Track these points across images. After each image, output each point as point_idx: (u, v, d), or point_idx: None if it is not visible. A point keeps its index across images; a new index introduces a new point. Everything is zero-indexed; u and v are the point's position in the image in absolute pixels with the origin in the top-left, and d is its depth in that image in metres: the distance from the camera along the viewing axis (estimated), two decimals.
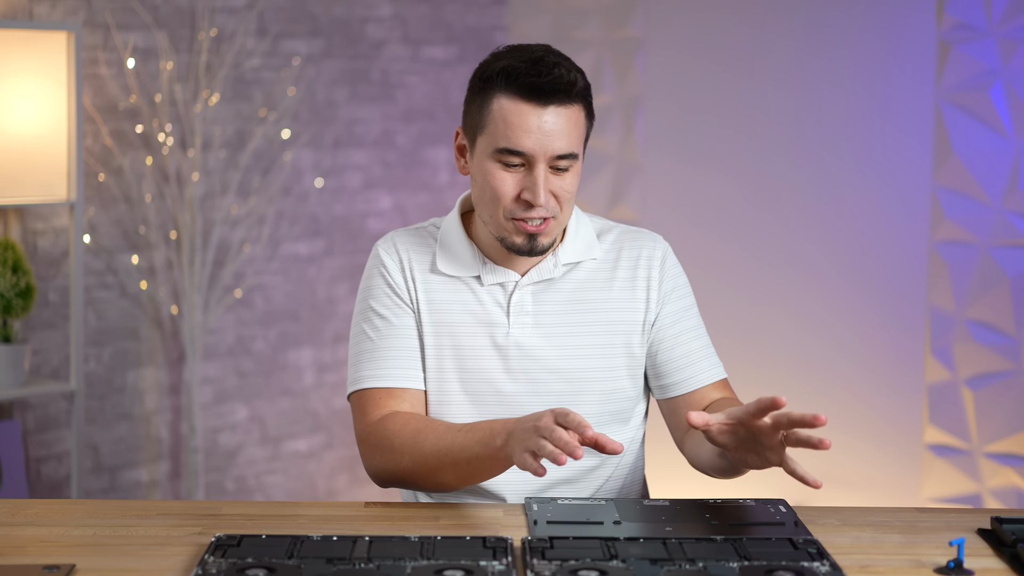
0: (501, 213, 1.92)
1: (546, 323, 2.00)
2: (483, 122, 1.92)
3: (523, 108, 1.88)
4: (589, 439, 1.67)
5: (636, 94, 4.19)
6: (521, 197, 1.90)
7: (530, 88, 1.87)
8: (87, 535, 1.72)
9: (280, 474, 4.13)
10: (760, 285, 3.94)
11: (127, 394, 3.73)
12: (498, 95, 1.90)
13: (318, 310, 4.19)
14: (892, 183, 3.69)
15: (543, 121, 1.88)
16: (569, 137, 1.89)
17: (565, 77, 1.88)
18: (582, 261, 2.03)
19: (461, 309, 2.00)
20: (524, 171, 1.90)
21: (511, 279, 2.00)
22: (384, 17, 4.26)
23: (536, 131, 1.88)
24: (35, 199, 3.28)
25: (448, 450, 1.86)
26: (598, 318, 2.01)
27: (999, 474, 3.50)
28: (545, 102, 1.88)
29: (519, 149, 1.88)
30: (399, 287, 2.02)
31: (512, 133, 1.88)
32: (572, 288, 2.02)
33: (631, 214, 4.19)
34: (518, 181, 1.90)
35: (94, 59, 3.57)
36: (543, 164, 1.89)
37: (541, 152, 1.88)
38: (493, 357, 1.99)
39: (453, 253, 2.02)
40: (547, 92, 1.87)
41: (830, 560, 1.62)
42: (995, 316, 3.48)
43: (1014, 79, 3.43)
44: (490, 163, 1.91)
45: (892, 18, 3.67)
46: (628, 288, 2.03)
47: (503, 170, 1.91)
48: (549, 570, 1.57)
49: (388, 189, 4.33)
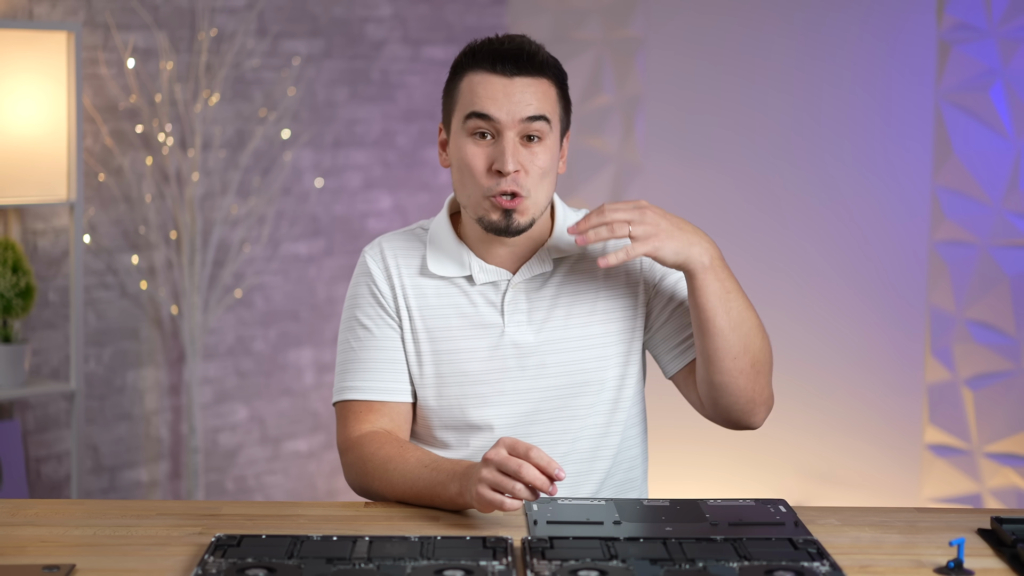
0: (477, 190, 1.92)
1: (540, 319, 1.99)
2: (454, 101, 1.95)
3: (490, 78, 1.91)
4: (559, 479, 1.72)
5: (636, 94, 4.19)
6: (492, 168, 1.90)
7: (494, 57, 1.90)
8: (87, 535, 1.72)
9: (280, 474, 4.13)
10: (760, 285, 3.94)
11: (127, 394, 3.73)
12: (467, 73, 1.93)
13: (318, 310, 4.19)
14: (892, 183, 3.69)
15: (509, 87, 1.90)
16: (538, 104, 1.91)
17: (527, 47, 1.91)
18: (571, 254, 2.02)
19: (454, 312, 1.99)
20: (494, 143, 1.91)
21: (503, 278, 1.99)
22: (384, 17, 4.26)
23: (503, 96, 1.89)
24: (35, 199, 3.28)
25: (413, 484, 1.87)
26: (591, 307, 2.01)
27: (999, 474, 3.50)
28: (511, 72, 1.90)
29: (485, 112, 1.89)
30: (385, 297, 2.01)
31: (478, 100, 1.90)
32: (562, 281, 2.01)
33: None
34: (488, 153, 1.91)
35: (94, 59, 3.57)
36: (512, 131, 1.89)
37: (508, 117, 1.89)
38: (491, 358, 1.98)
39: (443, 253, 2.01)
40: (511, 60, 1.90)
41: (830, 560, 1.62)
42: (995, 316, 3.48)
43: (1014, 79, 3.43)
44: (462, 137, 1.93)
45: (892, 18, 3.67)
46: (620, 273, 2.03)
47: (474, 144, 1.91)
48: (549, 570, 1.57)
49: (388, 189, 4.33)
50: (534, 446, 1.73)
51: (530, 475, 1.71)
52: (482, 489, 1.73)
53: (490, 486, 1.73)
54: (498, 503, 1.72)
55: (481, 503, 1.74)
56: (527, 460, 1.71)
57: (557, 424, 2.00)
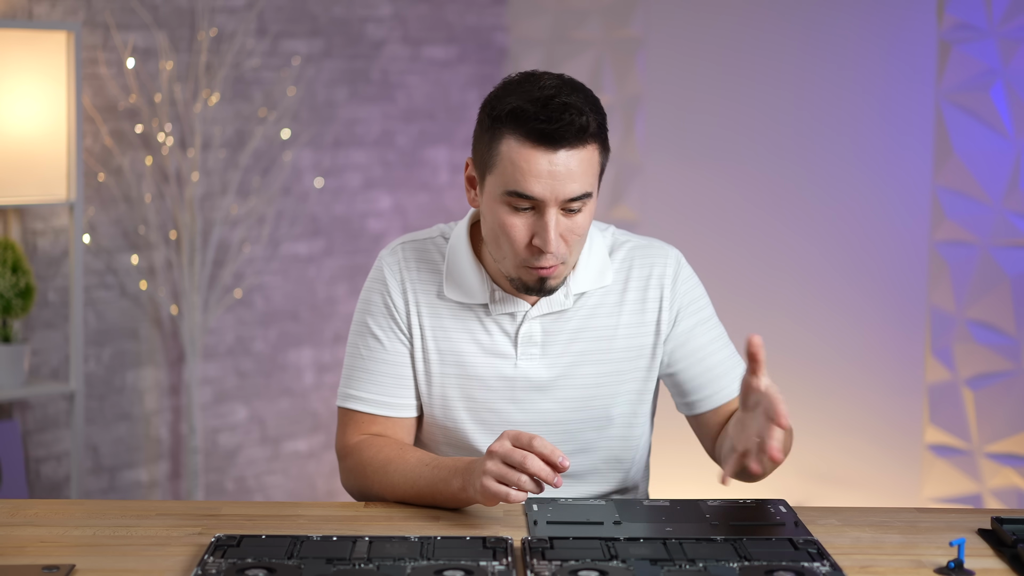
0: (513, 258, 1.86)
1: (554, 353, 1.96)
2: (492, 162, 1.84)
3: (532, 152, 1.80)
4: (564, 469, 1.71)
5: (636, 94, 4.19)
6: (532, 243, 1.83)
7: (540, 134, 1.79)
8: (87, 535, 1.72)
9: (280, 474, 4.13)
10: (760, 285, 3.94)
11: (127, 394, 3.73)
12: (507, 136, 1.81)
13: (318, 310, 4.18)
14: (892, 183, 3.68)
15: (554, 166, 1.79)
16: (582, 179, 1.82)
17: (576, 123, 1.80)
18: (592, 290, 1.98)
19: (468, 338, 1.96)
20: (534, 214, 1.83)
21: (520, 309, 1.95)
22: (384, 17, 4.26)
23: (546, 176, 1.79)
24: (35, 199, 3.28)
25: (414, 484, 1.87)
26: (607, 345, 1.98)
27: (999, 474, 3.50)
28: (555, 146, 1.79)
29: (528, 194, 1.81)
30: (398, 311, 1.98)
31: (521, 177, 1.80)
32: (582, 316, 1.97)
33: (631, 214, 4.19)
34: (528, 225, 1.83)
35: (94, 59, 3.57)
36: (554, 208, 1.81)
37: (552, 197, 1.80)
38: (500, 388, 1.96)
39: (461, 279, 1.96)
40: (556, 136, 1.79)
41: (830, 560, 1.62)
42: (995, 316, 3.48)
43: (1014, 79, 3.43)
44: (499, 205, 1.84)
45: (892, 18, 3.67)
46: (638, 312, 1.99)
47: (512, 214, 1.83)
48: (549, 570, 1.57)
49: (388, 189, 4.33)
50: (537, 435, 1.72)
51: (535, 466, 1.70)
52: (487, 482, 1.72)
53: (495, 479, 1.72)
54: (503, 495, 1.71)
55: (486, 496, 1.73)
56: (531, 450, 1.71)
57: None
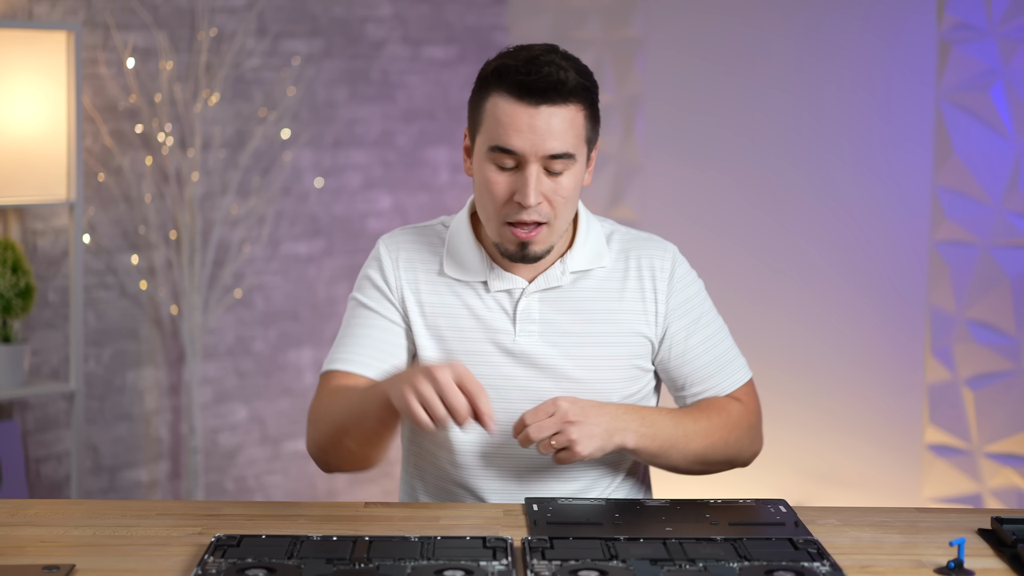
0: (496, 216, 1.89)
1: (553, 332, 1.97)
2: (479, 120, 1.89)
3: (514, 107, 1.84)
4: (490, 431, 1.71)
5: (636, 94, 4.19)
6: (513, 199, 1.87)
7: (520, 86, 1.83)
8: (87, 535, 1.72)
9: (280, 474, 4.13)
10: (760, 285, 3.94)
11: (127, 394, 3.73)
12: (492, 93, 1.86)
13: (318, 310, 4.19)
14: (892, 183, 3.68)
15: (535, 121, 1.84)
16: (563, 137, 1.85)
17: (555, 75, 1.83)
18: (591, 269, 2.00)
19: (467, 314, 1.98)
20: (517, 172, 1.87)
21: (518, 286, 1.97)
22: (384, 17, 4.26)
23: (527, 130, 1.84)
24: (35, 199, 3.28)
25: (351, 406, 1.83)
26: (608, 328, 1.99)
27: (999, 474, 3.50)
28: (537, 101, 1.83)
29: (509, 147, 1.85)
30: (391, 286, 1.99)
31: (503, 131, 1.85)
32: (581, 298, 1.99)
33: (631, 214, 4.19)
34: (511, 182, 1.87)
35: (94, 59, 3.57)
36: (535, 164, 1.85)
37: (532, 151, 1.84)
38: (498, 364, 1.97)
39: (460, 257, 1.99)
40: (537, 91, 1.83)
41: (830, 560, 1.62)
42: (995, 316, 3.48)
43: (1014, 79, 3.43)
44: (485, 163, 1.88)
45: (892, 18, 3.67)
46: (639, 300, 2.00)
47: (496, 171, 1.87)
48: (549, 570, 1.57)
49: (388, 189, 4.33)
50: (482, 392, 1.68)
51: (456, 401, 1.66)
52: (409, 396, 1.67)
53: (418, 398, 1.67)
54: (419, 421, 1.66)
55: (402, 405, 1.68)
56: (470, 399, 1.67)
57: None
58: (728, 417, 2.00)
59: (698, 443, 1.95)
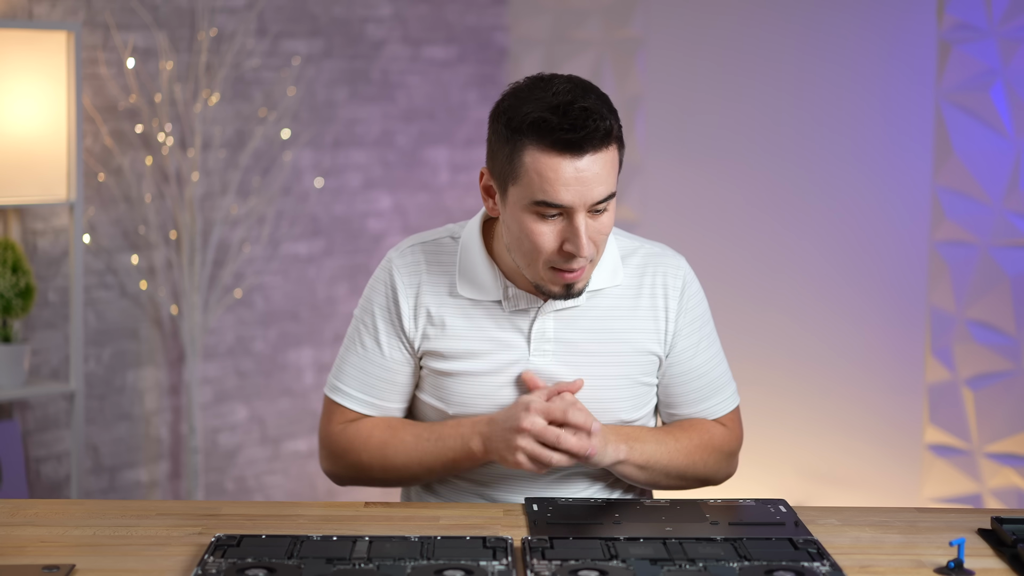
0: (540, 264, 1.85)
1: (567, 351, 1.96)
2: (515, 173, 1.82)
3: (558, 162, 1.79)
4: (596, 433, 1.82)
5: (636, 94, 4.19)
6: (563, 249, 1.83)
7: (565, 144, 1.78)
8: (87, 535, 1.72)
9: (280, 474, 4.13)
10: (760, 285, 3.94)
11: (127, 394, 3.73)
12: (529, 147, 1.80)
13: (318, 310, 4.19)
14: (892, 183, 3.68)
15: (580, 172, 1.79)
16: (607, 181, 1.82)
17: (600, 128, 1.79)
18: (606, 288, 1.98)
19: (480, 335, 1.96)
20: (562, 220, 1.82)
21: (534, 305, 1.95)
22: (384, 17, 4.26)
23: (574, 183, 1.79)
24: (35, 199, 3.28)
25: (421, 460, 1.92)
26: (620, 348, 1.98)
27: (999, 474, 3.50)
28: (580, 153, 1.79)
29: (558, 203, 1.80)
30: (404, 318, 1.97)
31: (549, 187, 1.79)
32: (596, 316, 1.97)
33: (631, 214, 4.19)
34: (558, 232, 1.83)
35: (94, 59, 3.57)
36: (583, 213, 1.81)
37: (580, 203, 1.80)
38: (513, 384, 1.96)
39: (474, 276, 1.96)
40: (578, 143, 1.78)
41: (830, 560, 1.62)
42: (995, 316, 3.48)
43: (1014, 79, 3.43)
44: (526, 215, 1.83)
45: (892, 18, 3.67)
46: (650, 318, 2.00)
47: (541, 222, 1.83)
48: (549, 570, 1.57)
49: (388, 189, 4.33)
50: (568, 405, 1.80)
51: (568, 443, 1.80)
52: (520, 459, 1.82)
53: (528, 456, 1.80)
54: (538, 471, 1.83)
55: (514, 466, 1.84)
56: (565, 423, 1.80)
57: None
58: (711, 440, 2.02)
59: (680, 461, 1.98)
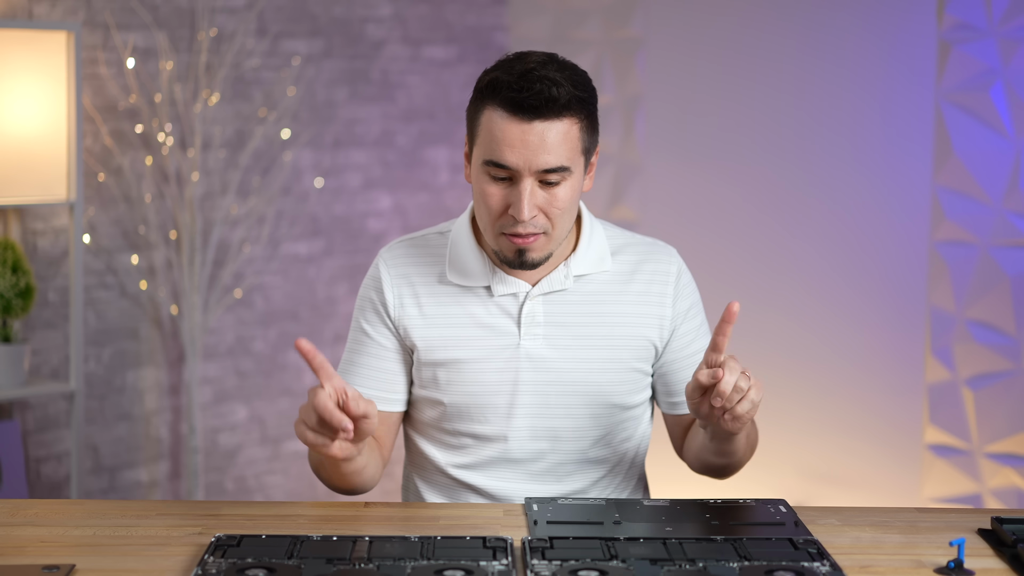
0: (492, 226, 1.89)
1: (558, 335, 1.97)
2: (476, 132, 1.89)
3: (507, 122, 1.83)
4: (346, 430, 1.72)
5: (636, 94, 4.19)
6: (508, 211, 1.86)
7: (512, 102, 1.83)
8: (87, 535, 1.72)
9: (280, 474, 4.13)
10: (760, 285, 3.94)
11: (127, 394, 3.73)
12: (487, 107, 1.86)
13: (318, 310, 4.19)
14: (892, 183, 3.68)
15: (527, 136, 1.83)
16: (557, 151, 1.84)
17: (547, 92, 1.82)
18: (594, 273, 2.00)
19: (471, 322, 1.97)
20: (510, 184, 1.86)
21: (522, 290, 1.97)
22: (384, 17, 4.26)
23: (520, 145, 1.83)
24: (35, 199, 3.28)
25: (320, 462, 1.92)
26: (611, 331, 1.99)
27: (999, 474, 3.50)
28: (529, 117, 1.82)
29: (502, 162, 1.84)
30: (390, 307, 2.00)
31: (496, 146, 1.84)
32: (584, 300, 1.99)
33: (631, 214, 4.19)
34: (505, 194, 1.87)
35: (94, 59, 3.57)
36: (529, 178, 1.84)
37: (525, 166, 1.83)
38: (505, 370, 1.97)
39: (463, 263, 1.98)
40: (529, 107, 1.82)
41: (830, 560, 1.62)
42: (995, 316, 3.48)
43: (1014, 79, 3.43)
44: (481, 174, 1.88)
45: (892, 18, 3.67)
46: (642, 303, 2.01)
47: (491, 183, 1.87)
48: (549, 570, 1.57)
49: (388, 189, 4.33)
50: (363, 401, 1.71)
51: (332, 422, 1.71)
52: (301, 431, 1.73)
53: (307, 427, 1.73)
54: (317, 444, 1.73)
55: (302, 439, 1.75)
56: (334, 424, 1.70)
57: (569, 444, 2.00)
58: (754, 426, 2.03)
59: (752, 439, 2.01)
